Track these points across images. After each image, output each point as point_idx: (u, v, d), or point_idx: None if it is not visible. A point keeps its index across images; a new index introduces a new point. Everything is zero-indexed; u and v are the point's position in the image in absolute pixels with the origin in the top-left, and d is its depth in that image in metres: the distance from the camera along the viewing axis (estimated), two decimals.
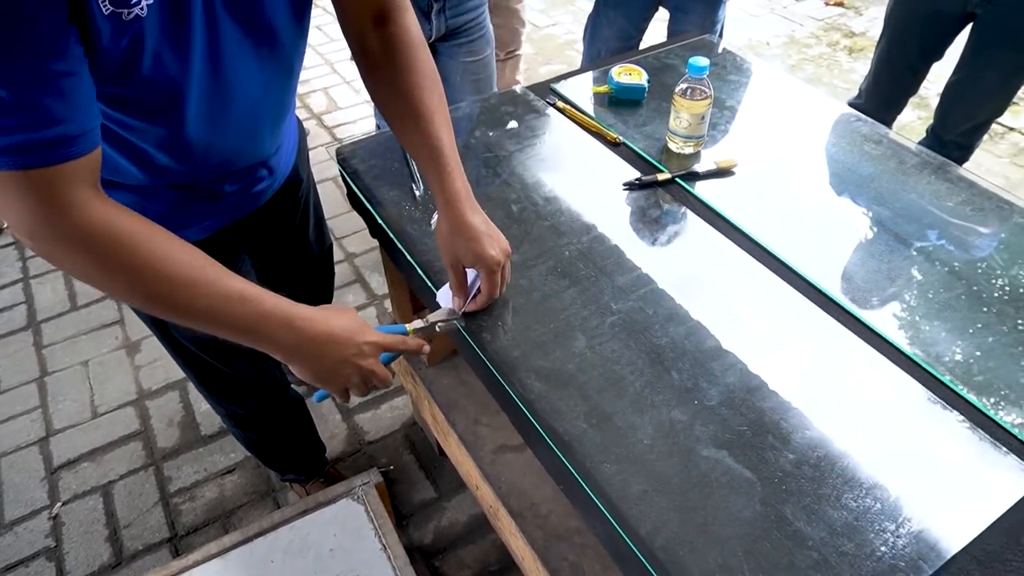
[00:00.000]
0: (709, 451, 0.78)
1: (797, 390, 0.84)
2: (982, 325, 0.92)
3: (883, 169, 1.18)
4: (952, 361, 0.88)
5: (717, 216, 1.10)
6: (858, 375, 0.86)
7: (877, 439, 0.79)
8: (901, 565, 0.69)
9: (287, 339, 0.78)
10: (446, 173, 0.89)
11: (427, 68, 0.91)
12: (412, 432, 1.80)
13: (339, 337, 0.81)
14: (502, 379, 0.88)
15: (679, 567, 0.69)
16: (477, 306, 0.93)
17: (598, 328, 0.92)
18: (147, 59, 0.68)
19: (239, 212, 1.04)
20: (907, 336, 0.91)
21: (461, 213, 0.88)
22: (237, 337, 0.77)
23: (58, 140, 0.62)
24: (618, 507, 0.74)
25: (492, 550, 1.55)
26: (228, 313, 0.74)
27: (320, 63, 3.36)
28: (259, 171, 1.02)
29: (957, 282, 0.98)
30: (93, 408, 1.88)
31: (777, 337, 0.91)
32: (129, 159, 0.83)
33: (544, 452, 0.84)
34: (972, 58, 1.77)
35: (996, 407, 0.82)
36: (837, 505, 0.73)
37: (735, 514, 0.73)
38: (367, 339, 0.83)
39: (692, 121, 1.16)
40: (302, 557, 1.22)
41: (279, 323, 0.77)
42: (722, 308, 0.94)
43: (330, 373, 0.82)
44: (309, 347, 0.79)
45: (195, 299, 0.72)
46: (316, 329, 0.79)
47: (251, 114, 0.89)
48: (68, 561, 1.56)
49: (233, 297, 0.74)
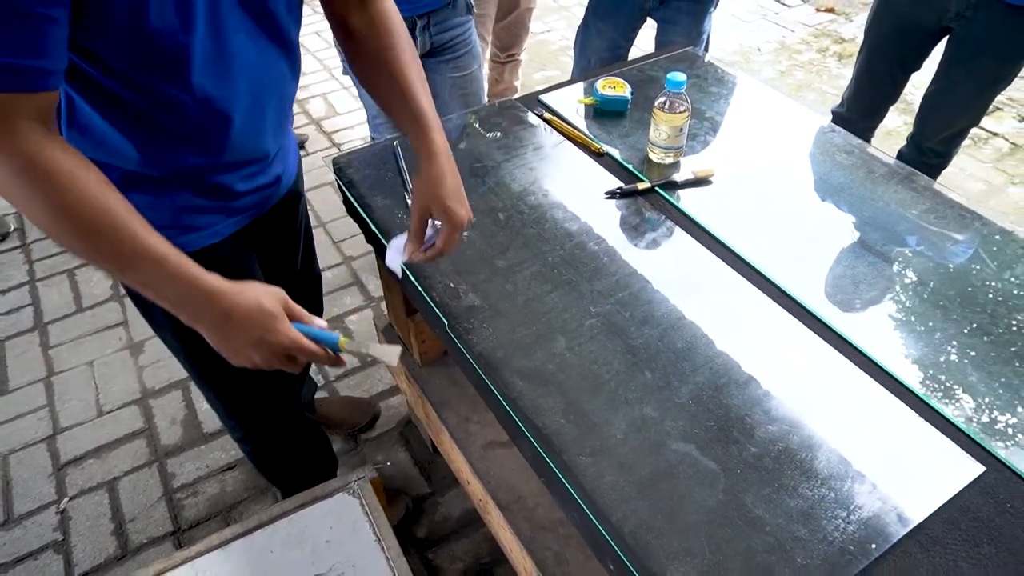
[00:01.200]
0: (678, 445, 0.85)
1: (762, 388, 0.90)
2: (934, 326, 0.98)
3: (853, 178, 1.24)
4: (906, 360, 0.94)
5: (693, 224, 1.16)
6: (819, 374, 0.92)
7: (834, 434, 0.85)
8: (851, 548, 0.75)
9: (201, 307, 0.78)
10: (428, 132, 0.95)
11: (406, 43, 0.98)
12: (407, 430, 1.86)
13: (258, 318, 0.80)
14: (487, 378, 0.94)
15: (646, 551, 0.75)
16: (425, 258, 0.98)
17: (577, 330, 0.98)
18: (153, 10, 0.73)
19: (249, 215, 1.08)
20: (866, 337, 0.97)
21: (441, 167, 0.94)
22: (145, 291, 0.78)
23: (18, 69, 0.65)
24: (592, 496, 0.80)
25: (484, 543, 1.61)
26: (141, 268, 0.76)
27: (319, 68, 3.42)
28: (267, 170, 1.06)
29: (916, 286, 1.04)
30: (98, 407, 1.94)
31: (745, 338, 0.97)
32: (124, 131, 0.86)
33: (526, 446, 0.90)
34: (948, 70, 1.83)
35: (944, 402, 0.88)
36: (794, 494, 0.79)
37: (699, 502, 0.79)
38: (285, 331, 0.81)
39: (671, 133, 1.22)
40: (300, 548, 1.28)
41: (196, 289, 0.77)
42: (695, 311, 1.00)
43: (241, 350, 0.82)
44: (224, 321, 0.79)
45: (113, 245, 0.74)
46: (235, 302, 0.79)
47: (255, 91, 0.92)
48: (75, 553, 1.62)
49: (151, 253, 0.75)
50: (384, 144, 1.35)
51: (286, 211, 1.20)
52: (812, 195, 1.21)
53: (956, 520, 0.77)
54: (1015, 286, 1.03)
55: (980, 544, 0.75)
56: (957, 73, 1.80)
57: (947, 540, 0.76)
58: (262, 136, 1.01)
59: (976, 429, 0.86)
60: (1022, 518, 0.77)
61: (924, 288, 1.04)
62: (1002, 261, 1.08)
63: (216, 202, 1.02)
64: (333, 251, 2.41)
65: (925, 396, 0.89)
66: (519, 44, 2.64)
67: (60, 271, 2.35)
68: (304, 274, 1.37)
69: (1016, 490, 0.80)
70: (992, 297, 1.02)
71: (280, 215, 1.18)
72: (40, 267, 2.37)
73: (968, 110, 1.87)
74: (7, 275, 2.35)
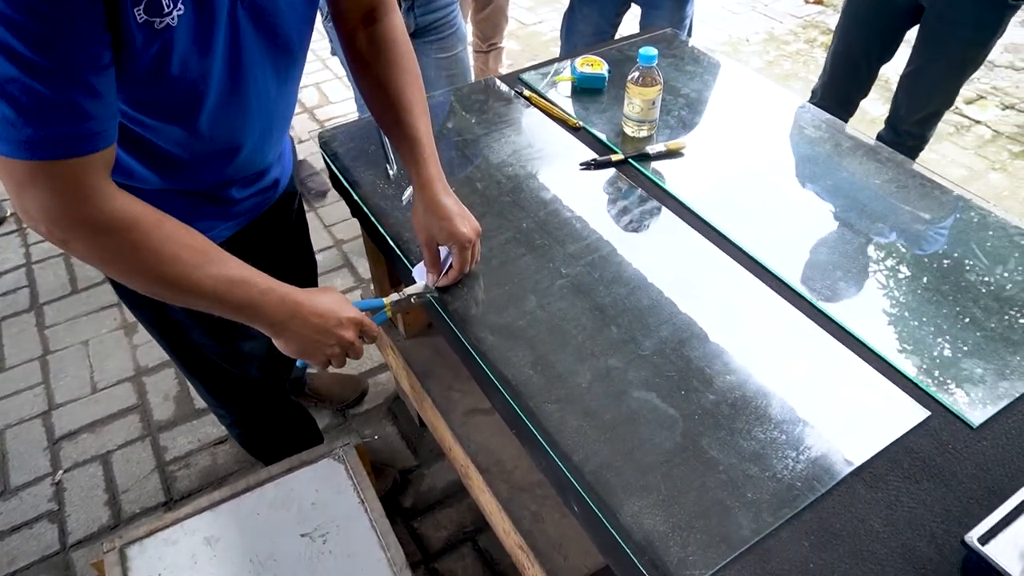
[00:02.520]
0: (639, 393, 0.89)
1: (722, 342, 0.95)
2: (888, 282, 1.02)
3: (820, 151, 1.28)
4: (860, 316, 0.98)
5: (664, 193, 1.20)
6: (778, 329, 0.97)
7: (789, 383, 0.90)
8: (798, 485, 0.79)
9: (278, 316, 0.87)
10: (422, 160, 0.99)
11: (409, 64, 1.01)
12: (395, 406, 1.90)
13: (323, 313, 0.90)
14: (460, 334, 0.98)
15: (605, 487, 0.80)
16: (449, 280, 1.03)
17: (548, 290, 1.02)
18: (175, 63, 0.75)
19: (247, 218, 1.11)
20: (823, 295, 1.01)
21: (435, 195, 0.98)
22: (233, 314, 0.86)
23: (87, 135, 0.68)
24: (556, 439, 0.85)
25: (467, 513, 1.66)
26: (230, 293, 0.83)
27: (312, 59, 3.46)
28: (266, 176, 1.10)
29: (872, 248, 1.08)
30: (93, 384, 1.98)
31: (708, 297, 1.01)
32: (142, 162, 0.89)
33: (497, 397, 0.95)
34: (920, 51, 1.87)
35: (893, 353, 0.93)
36: (748, 437, 0.84)
37: (658, 445, 0.83)
38: (347, 314, 0.92)
39: (643, 106, 1.27)
40: (286, 510, 1.32)
41: (273, 302, 0.86)
42: (661, 273, 1.05)
43: (313, 345, 0.91)
44: (296, 322, 0.88)
45: (202, 280, 0.80)
46: (304, 306, 0.89)
47: (265, 118, 0.96)
48: (70, 523, 1.67)
49: (235, 279, 0.83)
50: (369, 120, 1.39)
51: (282, 209, 1.23)
52: (779, 166, 1.26)
53: (899, 459, 0.82)
54: (966, 250, 1.08)
55: (920, 480, 0.80)
56: (929, 54, 1.85)
57: (889, 477, 0.80)
58: (266, 154, 1.05)
59: (923, 378, 0.90)
60: (961, 457, 0.82)
61: (880, 249, 1.08)
62: (958, 227, 1.12)
63: (216, 208, 1.05)
64: (324, 234, 2.45)
65: (874, 347, 0.94)
66: (499, 33, 2.69)
67: (56, 254, 2.39)
68: (299, 262, 1.41)
69: (958, 432, 0.84)
70: (944, 260, 1.06)
71: (276, 213, 1.21)
72: (36, 250, 2.41)
73: (939, 91, 1.91)
74: (4, 257, 2.40)
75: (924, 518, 0.76)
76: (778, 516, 0.76)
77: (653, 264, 1.06)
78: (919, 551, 0.74)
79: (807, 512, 0.77)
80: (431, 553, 1.59)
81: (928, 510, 0.77)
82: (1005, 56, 3.29)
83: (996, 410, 0.86)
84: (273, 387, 1.39)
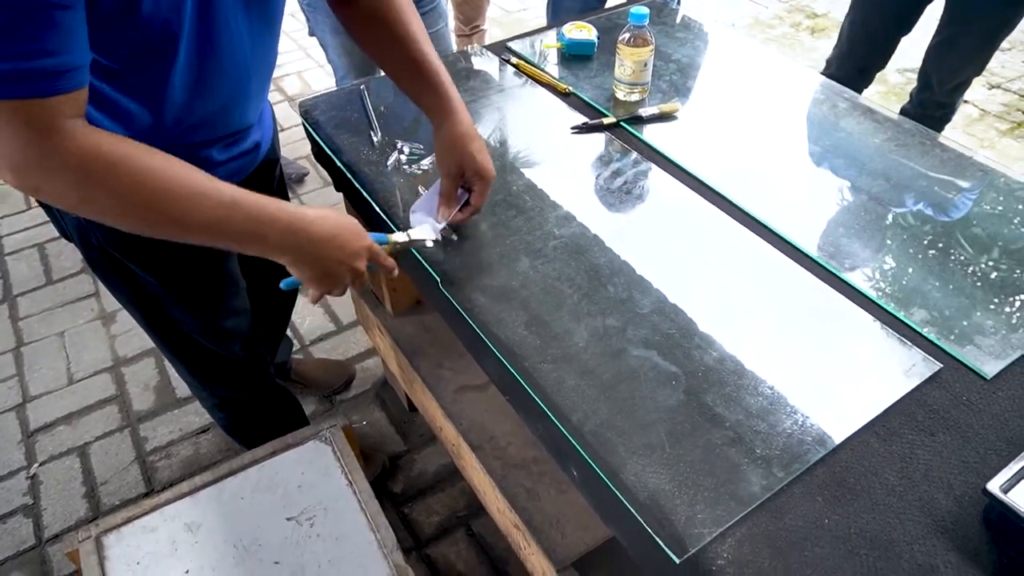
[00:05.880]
0: (639, 351, 0.85)
1: (725, 299, 0.91)
2: (894, 239, 0.99)
3: (816, 112, 1.25)
4: (864, 271, 0.95)
5: (658, 155, 1.16)
6: (783, 287, 0.93)
7: (797, 340, 0.86)
8: (808, 440, 0.75)
9: (290, 241, 0.80)
10: (444, 88, 0.94)
11: (407, 3, 0.97)
12: (383, 391, 1.85)
13: (342, 238, 0.84)
14: (450, 296, 0.93)
15: (606, 447, 0.75)
16: (464, 217, 0.98)
17: (541, 251, 0.98)
18: (146, 1, 0.71)
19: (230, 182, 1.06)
20: (829, 252, 0.97)
21: (466, 123, 0.93)
22: (239, 244, 0.79)
23: (50, 72, 0.63)
24: (552, 399, 0.80)
25: (460, 497, 1.61)
26: (229, 221, 0.76)
27: (294, 48, 3.40)
28: (247, 138, 1.05)
29: (876, 206, 1.05)
30: (69, 375, 1.91)
31: (706, 253, 0.97)
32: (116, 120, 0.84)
33: (490, 360, 0.90)
34: (950, 20, 1.84)
35: (903, 308, 0.89)
36: (754, 393, 0.80)
37: (660, 403, 0.79)
38: (365, 243, 0.87)
39: (635, 68, 1.23)
40: (271, 493, 1.27)
41: (283, 226, 0.79)
42: (658, 231, 1.01)
43: (329, 273, 0.85)
44: (312, 248, 0.82)
45: (195, 210, 0.74)
46: (321, 230, 0.82)
47: (240, 72, 0.91)
48: (46, 516, 1.60)
49: (231, 204, 0.76)
50: (351, 88, 1.34)
51: (263, 176, 1.18)
52: (774, 126, 1.22)
53: (913, 413, 0.78)
54: (973, 202, 1.05)
55: (936, 433, 0.76)
56: (961, 22, 1.81)
57: (903, 430, 0.76)
58: (245, 113, 1.00)
59: (933, 331, 0.86)
60: (977, 408, 0.78)
61: (882, 205, 1.05)
62: (963, 183, 1.09)
63: None
64: None
65: (881, 302, 0.90)
66: (482, 15, 2.65)
67: (30, 245, 2.32)
68: None
69: (972, 384, 0.81)
70: (948, 216, 1.03)
71: (258, 180, 1.15)
72: (9, 242, 2.34)
73: (974, 59, 1.87)
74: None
75: (941, 470, 0.73)
76: (789, 472, 0.72)
77: (649, 224, 1.02)
78: (937, 503, 0.70)
79: (819, 467, 0.73)
80: (423, 539, 1.54)
81: (945, 462, 0.73)
82: None
83: (1010, 360, 0.82)
84: (257, 368, 1.34)
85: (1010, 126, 2.74)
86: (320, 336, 2.00)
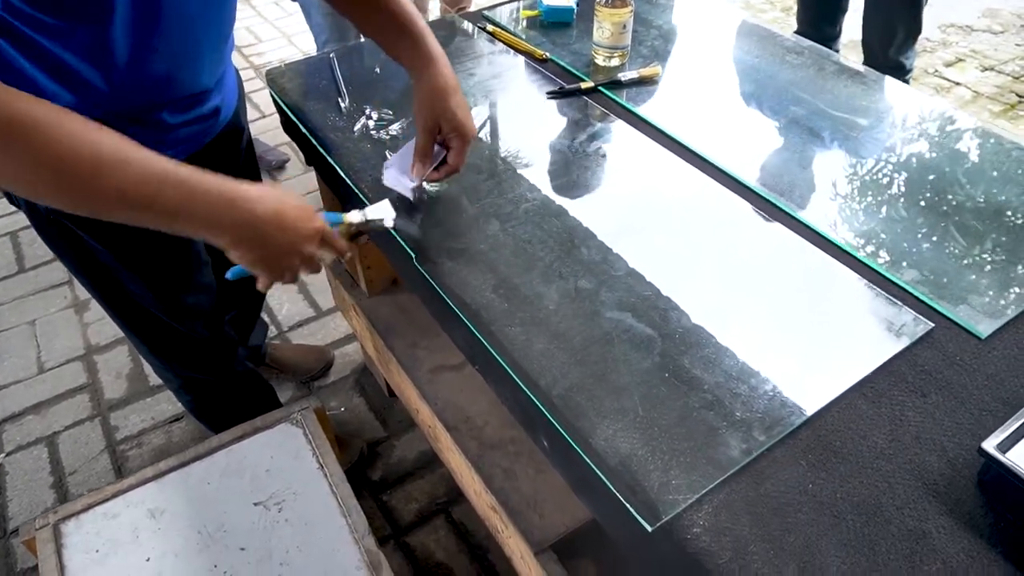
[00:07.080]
0: (612, 313, 0.80)
1: (705, 259, 0.86)
2: (883, 200, 0.94)
3: (798, 75, 1.20)
4: (850, 229, 0.90)
5: (638, 118, 1.11)
6: (765, 247, 0.88)
7: (778, 300, 0.81)
8: (792, 402, 0.70)
9: (227, 220, 0.72)
10: (421, 36, 0.89)
11: None
12: (363, 377, 1.80)
13: (289, 220, 0.76)
14: (416, 261, 0.88)
15: (575, 411, 0.70)
16: (440, 176, 0.92)
17: (512, 214, 0.93)
18: None
19: (187, 148, 1.00)
20: (814, 212, 0.93)
21: (445, 76, 0.88)
22: (169, 223, 0.71)
23: None
24: (520, 364, 0.75)
25: (440, 484, 1.56)
26: (159, 193, 0.68)
27: (278, 35, 3.35)
28: (205, 102, 0.99)
29: (860, 164, 1.00)
30: (39, 364, 1.85)
31: (685, 213, 0.93)
32: (51, 75, 0.79)
33: (456, 326, 0.85)
34: None
35: (891, 266, 0.84)
36: (735, 355, 0.75)
37: (634, 365, 0.74)
38: (316, 225, 0.79)
39: (614, 31, 1.18)
40: (239, 477, 1.21)
41: (220, 203, 0.71)
42: (635, 193, 0.96)
43: (276, 259, 0.77)
44: (254, 229, 0.74)
45: (117, 178, 0.66)
46: (264, 209, 0.73)
47: (186, 33, 0.86)
48: (11, 507, 1.55)
49: (163, 176, 0.68)
50: (320, 56, 1.29)
51: (226, 146, 1.11)
52: (755, 88, 1.17)
53: (903, 373, 0.73)
54: (964, 161, 1.00)
55: (927, 394, 0.71)
56: None
57: (893, 392, 0.71)
58: (198, 75, 0.94)
59: (924, 290, 0.81)
60: (971, 369, 0.73)
61: (866, 163, 1.00)
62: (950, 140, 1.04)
63: (148, 134, 0.92)
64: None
65: (868, 260, 0.85)
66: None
67: (2, 233, 2.26)
68: None
69: (965, 344, 0.76)
70: (936, 172, 0.98)
71: (219, 150, 1.09)
72: None
73: (904, 15, 1.88)
74: None
75: (933, 432, 0.68)
76: (771, 435, 0.67)
77: (627, 187, 0.97)
78: (929, 465, 0.65)
79: (804, 430, 0.68)
80: (402, 527, 1.49)
81: (937, 424, 0.69)
82: (983, 21, 3.25)
83: (1005, 320, 0.78)
84: (223, 349, 1.28)
85: (1003, 107, 2.69)
86: (299, 322, 1.95)
